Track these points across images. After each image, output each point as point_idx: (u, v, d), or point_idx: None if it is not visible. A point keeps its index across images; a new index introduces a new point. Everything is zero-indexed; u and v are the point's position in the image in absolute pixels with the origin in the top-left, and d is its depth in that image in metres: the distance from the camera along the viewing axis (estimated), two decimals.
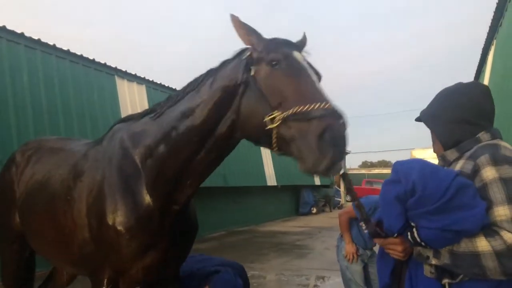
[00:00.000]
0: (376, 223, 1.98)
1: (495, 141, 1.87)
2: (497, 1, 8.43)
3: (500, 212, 1.67)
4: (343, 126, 1.76)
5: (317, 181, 24.41)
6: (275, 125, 1.90)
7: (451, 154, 2.03)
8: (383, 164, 77.86)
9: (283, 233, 15.18)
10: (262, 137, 2.05)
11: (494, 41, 9.67)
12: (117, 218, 2.40)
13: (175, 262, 2.72)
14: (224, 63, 2.33)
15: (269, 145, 2.02)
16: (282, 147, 1.97)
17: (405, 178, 1.78)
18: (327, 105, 1.79)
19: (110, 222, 2.41)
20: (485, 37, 10.53)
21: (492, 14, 9.07)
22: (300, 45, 2.27)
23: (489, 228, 1.69)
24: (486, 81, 10.17)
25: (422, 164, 1.83)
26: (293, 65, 2.00)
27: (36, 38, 8.16)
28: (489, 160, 1.75)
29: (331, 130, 1.72)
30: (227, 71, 2.25)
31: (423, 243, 1.77)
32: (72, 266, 2.93)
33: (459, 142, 1.99)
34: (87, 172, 2.66)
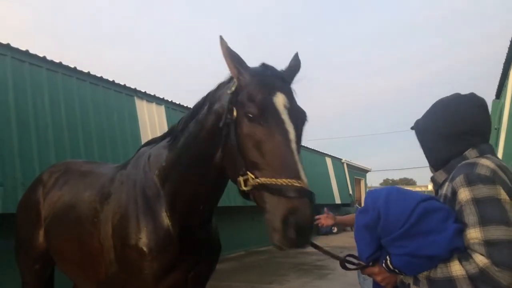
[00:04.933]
0: (349, 254, 2.01)
1: (473, 160, 1.79)
2: None
3: (472, 235, 1.62)
4: (309, 210, 1.74)
5: (337, 199, 24.09)
6: (246, 188, 1.91)
7: (440, 175, 1.96)
8: (405, 181, 76.84)
9: (303, 253, 14.92)
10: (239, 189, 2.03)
11: None
12: (139, 240, 2.45)
13: (198, 282, 2.70)
14: (219, 87, 2.33)
15: (244, 198, 2.03)
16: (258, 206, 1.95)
17: (372, 206, 1.78)
18: (297, 183, 1.76)
19: (133, 244, 2.45)
20: (507, 52, 10.35)
21: None
22: (289, 73, 2.20)
23: (465, 252, 1.64)
24: (508, 96, 9.95)
25: (389, 191, 1.81)
26: (271, 122, 1.90)
27: (57, 61, 8.34)
28: (463, 181, 1.70)
29: (296, 214, 1.71)
30: (221, 98, 2.22)
31: (396, 270, 1.75)
32: (97, 286, 2.94)
33: (447, 161, 1.91)
34: (113, 195, 2.72)
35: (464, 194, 1.68)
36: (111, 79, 9.80)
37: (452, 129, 1.89)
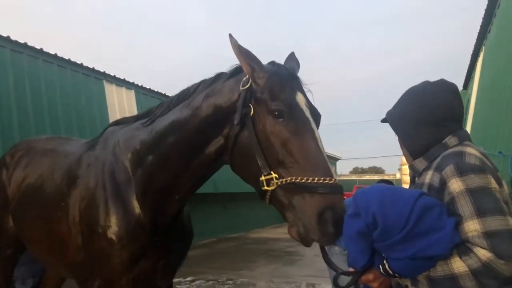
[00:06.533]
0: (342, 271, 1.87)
1: (459, 148, 1.76)
2: (485, 8, 8.49)
3: (471, 227, 1.56)
4: (343, 205, 1.77)
5: None
6: (270, 188, 1.87)
7: (420, 163, 1.91)
8: (374, 170, 78.42)
9: (274, 239, 15.10)
10: (253, 187, 2.02)
11: (483, 48, 9.73)
12: (108, 227, 2.37)
13: (168, 271, 2.66)
14: (219, 76, 2.26)
15: (260, 197, 1.99)
16: (274, 205, 1.94)
17: (365, 210, 1.68)
18: (330, 180, 1.77)
19: (101, 231, 2.38)
20: (474, 44, 10.60)
21: (481, 20, 9.13)
22: (297, 70, 2.21)
23: (463, 246, 1.58)
24: (475, 87, 10.22)
25: (382, 192, 1.72)
26: (298, 121, 1.90)
27: (22, 41, 8.03)
28: (454, 171, 1.65)
29: (334, 210, 1.73)
30: (223, 91, 2.16)
31: (396, 275, 1.68)
32: (66, 271, 2.89)
33: (427, 149, 1.87)
34: (81, 178, 2.61)
35: (456, 185, 1.63)
36: (79, 62, 9.54)
37: (431, 117, 1.86)
